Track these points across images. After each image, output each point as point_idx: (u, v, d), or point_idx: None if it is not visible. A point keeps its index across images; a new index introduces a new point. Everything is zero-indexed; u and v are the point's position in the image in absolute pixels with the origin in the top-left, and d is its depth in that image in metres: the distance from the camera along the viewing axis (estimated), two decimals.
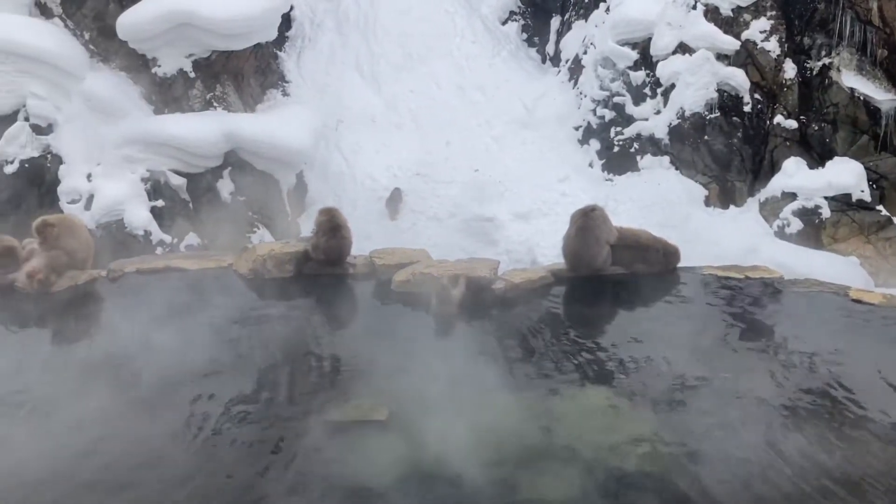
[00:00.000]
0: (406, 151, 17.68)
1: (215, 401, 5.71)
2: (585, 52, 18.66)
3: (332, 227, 8.36)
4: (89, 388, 6.02)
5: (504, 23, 20.23)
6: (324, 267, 8.28)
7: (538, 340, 6.60)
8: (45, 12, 14.54)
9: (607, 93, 18.06)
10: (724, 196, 16.84)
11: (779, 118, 16.62)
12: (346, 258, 8.38)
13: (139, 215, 13.73)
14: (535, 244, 15.77)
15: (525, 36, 20.34)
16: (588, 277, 7.84)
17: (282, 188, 15.66)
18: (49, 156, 13.83)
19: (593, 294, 7.66)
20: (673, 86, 17.18)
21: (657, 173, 17.19)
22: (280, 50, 17.42)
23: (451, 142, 17.83)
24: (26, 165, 13.71)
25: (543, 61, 20.16)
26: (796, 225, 15.73)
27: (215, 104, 14.87)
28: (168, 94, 14.49)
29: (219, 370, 6.27)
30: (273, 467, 4.90)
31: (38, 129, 13.80)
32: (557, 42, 20.00)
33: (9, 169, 13.59)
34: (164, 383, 6.08)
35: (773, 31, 16.65)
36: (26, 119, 13.77)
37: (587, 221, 7.80)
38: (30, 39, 13.61)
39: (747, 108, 16.73)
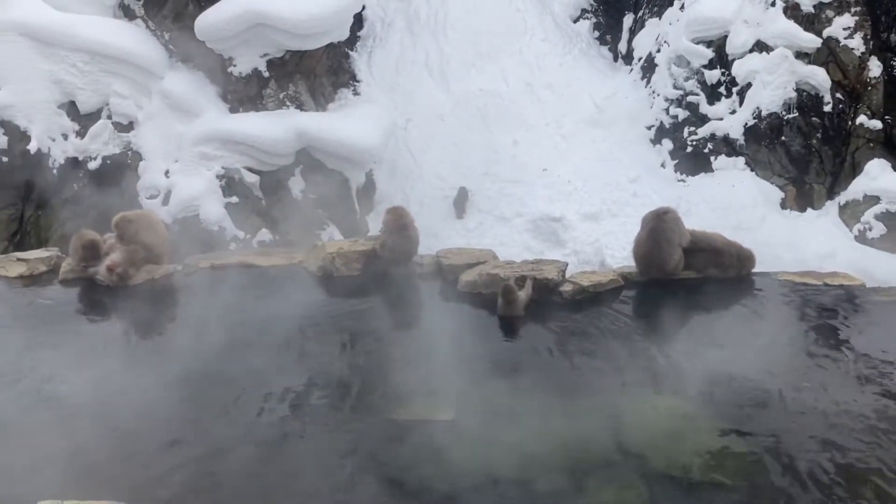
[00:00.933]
0: (474, 150, 17.63)
1: (282, 396, 5.81)
2: (659, 51, 18.30)
3: (400, 226, 8.41)
4: (160, 382, 6.20)
5: (575, 21, 20.00)
6: (391, 265, 8.33)
7: (606, 345, 6.51)
8: (128, 14, 15.06)
9: (681, 92, 17.67)
10: (802, 199, 16.27)
11: (862, 118, 15.97)
12: (413, 257, 8.42)
13: (214, 211, 14.08)
14: (604, 245, 15.53)
15: (597, 34, 20.07)
16: (659, 281, 7.69)
17: (351, 186, 15.81)
18: (130, 152, 14.33)
19: (664, 299, 7.50)
20: (749, 85, 16.68)
21: (731, 174, 16.72)
22: (351, 49, 17.59)
23: (519, 140, 17.71)
24: (108, 161, 14.23)
25: (615, 59, 19.86)
26: (879, 229, 15.08)
27: (288, 103, 15.11)
28: (243, 93, 14.80)
29: (286, 366, 6.38)
30: (338, 465, 4.95)
31: (119, 127, 14.32)
32: (630, 40, 19.66)
33: (92, 165, 14.14)
34: (232, 378, 6.21)
35: (857, 28, 16.00)
36: (109, 117, 14.30)
37: (659, 224, 7.64)
38: (114, 40, 14.13)
39: (828, 108, 16.12)
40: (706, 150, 17.17)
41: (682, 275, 7.76)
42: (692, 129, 17.45)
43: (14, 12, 13.92)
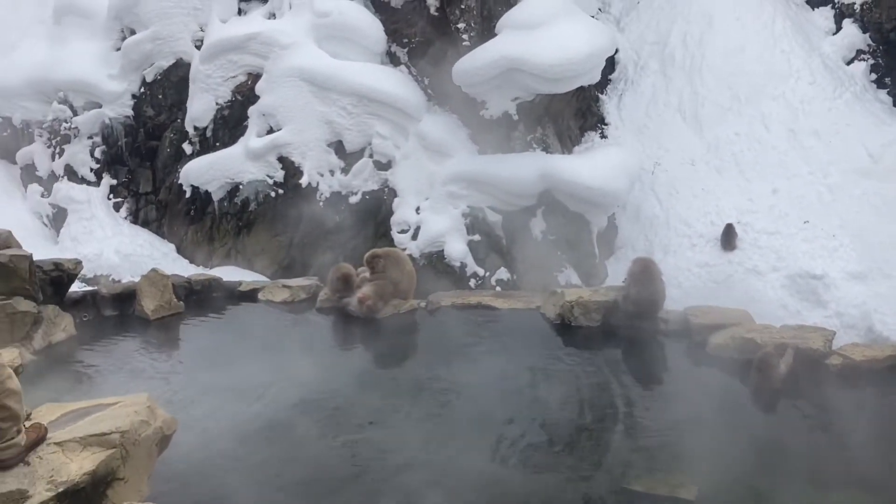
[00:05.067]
0: (726, 197, 16.63)
1: (508, 443, 5.76)
2: None
3: (647, 278, 8.06)
4: (401, 407, 6.43)
5: (849, 62, 18.26)
6: (633, 319, 7.99)
7: (879, 433, 5.69)
8: (393, 60, 16.11)
9: None
10: None
11: None
12: (659, 312, 8.01)
13: (457, 248, 14.52)
14: (872, 309, 13.84)
15: (874, 76, 18.15)
16: None
17: (592, 230, 15.56)
18: (386, 189, 15.23)
19: None
20: None
21: None
22: (601, 92, 17.45)
23: (777, 189, 16.43)
24: (367, 197, 15.24)
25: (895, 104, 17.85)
26: None
27: (535, 145, 15.26)
28: (492, 136, 15.17)
29: (515, 413, 6.30)
30: None
31: (379, 165, 15.29)
32: None
33: (353, 199, 15.22)
34: (465, 417, 6.28)
35: None
36: (370, 156, 15.34)
37: None
38: (380, 85, 15.18)
39: None
40: None
41: None
42: None
43: (298, 59, 15.47)
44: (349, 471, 5.47)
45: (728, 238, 15.47)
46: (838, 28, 18.47)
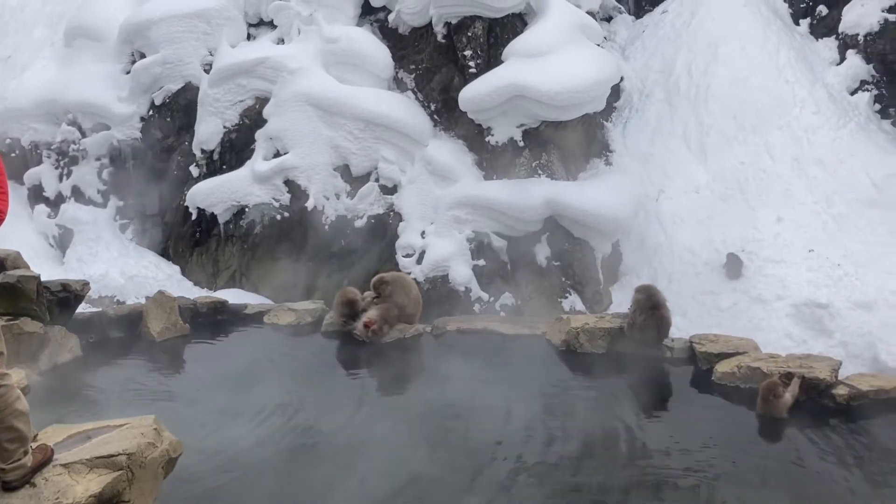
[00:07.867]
0: (731, 226, 16.66)
1: (511, 468, 5.76)
2: None
3: (651, 306, 8.07)
4: (404, 432, 6.41)
5: (853, 93, 18.37)
6: (638, 347, 7.99)
7: (884, 466, 5.65)
8: (400, 86, 16.27)
9: None
10: None
11: None
12: (664, 340, 8.02)
13: (462, 273, 14.54)
14: (878, 339, 13.81)
15: (878, 107, 18.25)
16: None
17: (596, 256, 15.59)
18: (391, 213, 15.30)
19: None
20: None
21: None
22: (606, 120, 17.56)
23: (782, 218, 16.47)
24: (372, 221, 15.31)
25: None
26: None
27: (540, 172, 15.34)
28: (497, 162, 15.27)
29: (520, 439, 6.29)
30: None
31: (384, 189, 15.38)
32: None
33: (358, 223, 15.28)
34: (468, 442, 6.26)
35: None
36: (376, 180, 15.43)
37: None
38: (387, 111, 15.29)
39: None
40: None
41: None
42: None
43: (306, 84, 15.61)
44: (358, 495, 5.46)
45: (732, 266, 15.49)
46: (842, 59, 18.62)
